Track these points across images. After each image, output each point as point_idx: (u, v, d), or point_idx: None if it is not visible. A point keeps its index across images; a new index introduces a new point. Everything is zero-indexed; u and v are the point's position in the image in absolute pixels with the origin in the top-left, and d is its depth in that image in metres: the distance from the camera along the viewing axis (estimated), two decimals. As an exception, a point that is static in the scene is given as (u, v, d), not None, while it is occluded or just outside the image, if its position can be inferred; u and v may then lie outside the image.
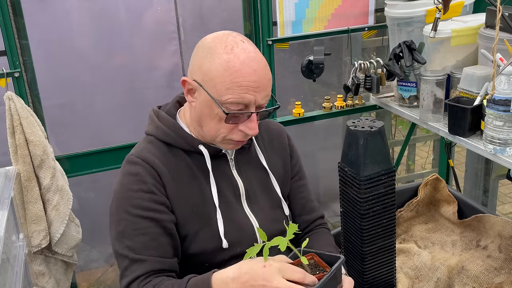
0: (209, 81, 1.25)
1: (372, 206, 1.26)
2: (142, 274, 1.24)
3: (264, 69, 1.26)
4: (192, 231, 1.32)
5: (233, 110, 1.24)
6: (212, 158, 1.37)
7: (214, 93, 1.24)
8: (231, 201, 1.38)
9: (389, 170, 1.25)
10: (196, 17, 2.46)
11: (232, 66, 1.22)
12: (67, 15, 2.20)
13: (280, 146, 1.53)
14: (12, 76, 1.85)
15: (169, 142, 1.35)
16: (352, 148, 1.24)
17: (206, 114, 1.29)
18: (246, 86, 1.22)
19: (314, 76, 2.29)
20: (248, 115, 1.26)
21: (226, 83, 1.22)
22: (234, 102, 1.23)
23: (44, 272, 1.95)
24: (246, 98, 1.23)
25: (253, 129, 1.27)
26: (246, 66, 1.23)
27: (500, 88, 1.53)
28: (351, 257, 1.37)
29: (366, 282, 1.35)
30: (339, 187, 1.33)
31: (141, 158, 1.31)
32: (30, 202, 1.86)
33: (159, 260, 1.26)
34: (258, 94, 1.24)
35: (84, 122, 2.36)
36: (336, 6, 2.31)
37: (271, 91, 1.30)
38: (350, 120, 1.26)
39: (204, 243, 1.32)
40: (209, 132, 1.31)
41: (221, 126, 1.28)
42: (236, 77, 1.22)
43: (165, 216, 1.28)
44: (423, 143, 3.88)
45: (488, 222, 1.66)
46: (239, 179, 1.41)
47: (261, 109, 1.28)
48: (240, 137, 1.30)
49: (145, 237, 1.26)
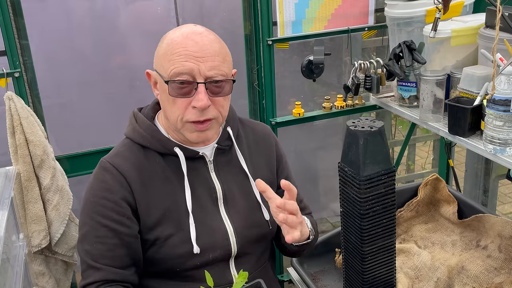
0: (158, 63, 1.28)
1: (372, 206, 1.26)
2: (96, 281, 1.26)
3: (210, 42, 1.25)
4: (163, 235, 1.30)
5: None
6: (189, 160, 1.35)
7: (162, 72, 1.26)
8: (206, 205, 1.35)
9: (389, 170, 1.25)
10: (196, 17, 2.46)
11: (174, 41, 1.25)
12: (67, 15, 2.20)
13: (266, 148, 1.51)
14: (12, 76, 1.85)
15: (144, 145, 1.34)
16: (352, 148, 1.24)
17: (164, 100, 1.29)
18: (186, 54, 1.22)
19: (314, 76, 2.29)
20: (195, 87, 1.23)
21: (168, 56, 1.24)
22: (177, 72, 1.22)
23: (44, 272, 1.95)
24: (187, 65, 1.21)
25: (200, 100, 1.22)
26: (188, 38, 1.24)
27: (500, 88, 1.53)
28: (351, 257, 1.37)
29: (366, 282, 1.35)
30: (339, 187, 1.33)
31: (112, 164, 1.31)
32: (30, 202, 1.86)
33: (113, 271, 1.27)
34: (202, 64, 1.22)
35: (84, 122, 2.36)
36: (336, 6, 2.31)
37: (228, 70, 1.27)
38: (350, 120, 1.25)
39: (175, 248, 1.31)
40: (170, 117, 1.29)
41: (176, 107, 1.26)
42: (176, 48, 1.23)
43: (124, 229, 1.28)
44: (423, 143, 3.88)
45: (488, 222, 1.67)
46: (217, 181, 1.38)
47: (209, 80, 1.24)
48: (195, 116, 1.25)
49: (102, 246, 1.27)
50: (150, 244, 1.31)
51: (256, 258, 1.44)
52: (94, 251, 1.28)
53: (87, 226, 1.30)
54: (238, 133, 1.46)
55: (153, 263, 1.33)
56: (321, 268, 1.76)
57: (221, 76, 1.25)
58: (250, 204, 1.42)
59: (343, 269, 1.43)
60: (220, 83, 1.26)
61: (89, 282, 1.27)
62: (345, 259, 1.41)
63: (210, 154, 1.39)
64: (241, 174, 1.43)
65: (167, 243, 1.31)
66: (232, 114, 1.45)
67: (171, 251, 1.31)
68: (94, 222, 1.28)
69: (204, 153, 1.37)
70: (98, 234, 1.28)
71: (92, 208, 1.29)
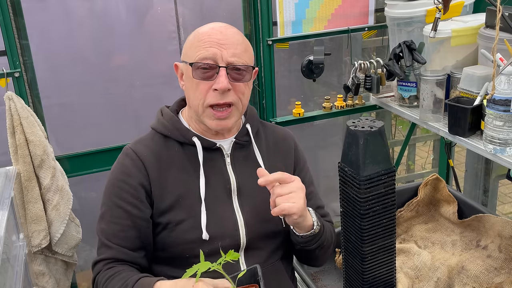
0: (186, 53, 1.38)
1: (372, 206, 1.26)
2: (108, 258, 1.36)
3: (233, 33, 1.36)
4: (175, 220, 1.36)
5: None
6: (207, 150, 1.41)
7: (188, 59, 1.36)
8: (219, 195, 1.40)
9: (389, 170, 1.25)
10: (196, 17, 2.46)
11: (201, 32, 1.36)
12: (67, 15, 2.20)
13: (285, 150, 1.54)
14: (12, 76, 1.85)
15: (166, 134, 1.42)
16: (352, 148, 1.24)
17: (189, 86, 1.37)
18: (210, 41, 1.32)
19: (314, 76, 2.29)
20: (217, 72, 1.32)
21: (194, 44, 1.35)
22: (201, 57, 1.32)
23: (44, 272, 1.95)
24: (210, 50, 1.31)
25: (220, 82, 1.31)
26: (213, 28, 1.35)
27: (500, 88, 1.53)
28: (351, 257, 1.37)
29: (366, 282, 1.35)
30: (339, 187, 1.33)
31: (133, 150, 1.40)
32: (30, 202, 1.86)
33: (124, 251, 1.36)
34: (224, 50, 1.32)
35: (84, 122, 2.36)
36: (336, 6, 2.31)
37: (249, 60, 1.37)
38: (350, 120, 1.25)
39: (185, 234, 1.36)
40: (193, 103, 1.37)
41: (199, 91, 1.34)
42: (202, 36, 1.34)
43: (137, 212, 1.36)
44: (423, 143, 3.88)
45: (488, 222, 1.67)
46: (232, 174, 1.42)
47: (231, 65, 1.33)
48: (215, 98, 1.33)
49: (116, 226, 1.36)
50: (162, 227, 1.37)
51: (266, 254, 1.44)
52: (108, 230, 1.37)
53: (105, 206, 1.39)
54: (258, 132, 1.52)
55: (164, 247, 1.38)
56: (321, 268, 1.76)
57: (242, 63, 1.34)
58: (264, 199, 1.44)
59: (343, 269, 1.43)
60: (241, 70, 1.34)
61: (101, 258, 1.37)
62: (345, 259, 1.41)
63: (228, 148, 1.44)
64: None
65: (178, 228, 1.36)
66: (253, 113, 1.52)
67: (181, 236, 1.36)
68: (111, 202, 1.38)
69: (222, 146, 1.43)
70: (114, 214, 1.37)
71: (111, 190, 1.39)
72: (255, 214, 1.41)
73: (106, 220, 1.38)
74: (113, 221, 1.37)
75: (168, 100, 1.52)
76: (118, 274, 1.32)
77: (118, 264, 1.35)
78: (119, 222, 1.36)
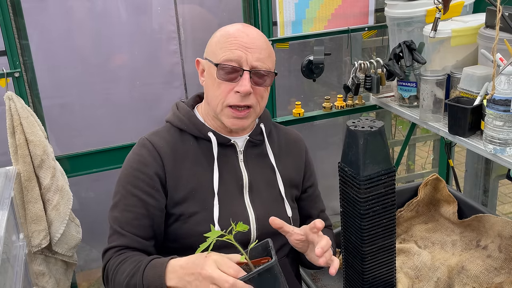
0: (211, 50, 1.40)
1: (372, 206, 1.26)
2: (119, 246, 1.36)
3: (260, 37, 1.38)
4: (188, 212, 1.38)
5: None
6: (221, 146, 1.44)
7: (213, 58, 1.38)
8: (231, 190, 1.42)
9: (389, 170, 1.25)
10: (196, 17, 2.46)
11: (227, 32, 1.38)
12: (67, 15, 2.20)
13: (296, 152, 1.58)
14: (12, 76, 1.85)
15: (182, 127, 1.44)
16: (352, 148, 1.24)
17: (210, 84, 1.40)
18: (237, 43, 1.34)
19: (314, 76, 2.29)
20: (240, 74, 1.34)
21: (220, 44, 1.36)
22: (226, 58, 1.34)
23: (44, 272, 1.95)
24: (236, 53, 1.33)
25: (243, 85, 1.33)
26: (240, 31, 1.37)
27: (500, 88, 1.53)
28: (351, 257, 1.37)
29: (366, 282, 1.35)
30: (339, 187, 1.33)
31: (149, 140, 1.42)
32: (30, 202, 1.86)
33: (136, 240, 1.36)
34: (249, 54, 1.34)
35: (84, 122, 2.36)
36: (336, 6, 2.31)
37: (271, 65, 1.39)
38: (350, 120, 1.25)
39: (197, 226, 1.37)
40: (212, 101, 1.39)
41: (220, 90, 1.36)
42: (229, 38, 1.36)
43: (151, 201, 1.37)
44: (423, 143, 3.88)
45: (488, 222, 1.67)
46: (244, 171, 1.45)
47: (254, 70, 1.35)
48: (236, 100, 1.35)
49: (130, 214, 1.37)
50: (174, 218, 1.39)
51: None
52: (122, 218, 1.37)
53: (119, 195, 1.40)
54: (271, 132, 1.54)
55: (176, 238, 1.40)
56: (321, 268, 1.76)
57: (265, 68, 1.37)
58: (274, 197, 1.48)
59: (343, 269, 1.43)
60: (263, 75, 1.37)
61: (112, 245, 1.37)
62: (345, 259, 1.41)
63: (242, 145, 1.47)
64: (269, 169, 1.49)
65: (191, 220, 1.38)
66: (266, 115, 1.55)
67: (193, 228, 1.37)
68: (125, 191, 1.38)
69: (236, 142, 1.45)
70: (128, 202, 1.38)
71: (126, 179, 1.40)
72: (266, 211, 1.43)
73: (120, 208, 1.38)
74: (127, 209, 1.37)
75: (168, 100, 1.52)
76: (130, 258, 1.33)
77: (129, 251, 1.36)
78: (133, 210, 1.37)
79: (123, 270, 1.30)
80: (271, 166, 1.49)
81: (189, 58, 2.44)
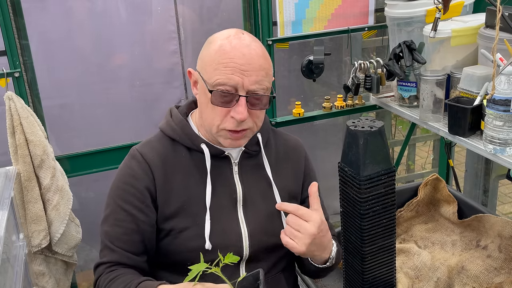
0: (204, 66, 1.30)
1: (372, 206, 1.26)
2: (110, 262, 1.34)
3: (257, 56, 1.27)
4: (178, 227, 1.34)
5: None
6: (214, 158, 1.38)
7: (206, 76, 1.29)
8: (225, 205, 1.37)
9: (389, 170, 1.25)
10: (196, 17, 2.46)
11: (222, 49, 1.26)
12: (67, 15, 2.20)
13: (295, 159, 1.51)
14: (12, 76, 1.85)
15: (174, 138, 1.39)
16: (352, 148, 1.24)
17: (203, 101, 1.32)
18: (233, 67, 1.25)
19: (314, 76, 2.29)
20: (236, 99, 1.26)
21: (215, 64, 1.26)
22: (221, 83, 1.25)
23: (44, 272, 1.95)
24: (232, 79, 1.24)
25: (240, 113, 1.26)
26: (236, 49, 1.26)
27: (500, 88, 1.53)
28: (351, 257, 1.37)
29: (366, 282, 1.35)
30: (339, 187, 1.33)
31: (140, 152, 1.37)
32: (30, 202, 1.86)
33: (126, 255, 1.34)
34: (246, 78, 1.25)
35: (84, 122, 2.36)
36: (336, 6, 2.31)
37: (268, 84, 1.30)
38: (350, 120, 1.25)
39: (188, 242, 1.33)
40: (206, 121, 1.33)
41: (215, 113, 1.29)
42: (224, 58, 1.25)
43: (142, 216, 1.33)
44: (423, 143, 3.88)
45: (488, 222, 1.67)
46: (239, 184, 1.39)
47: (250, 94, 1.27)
48: (232, 125, 1.29)
49: (120, 229, 1.34)
50: (165, 234, 1.35)
51: (268, 266, 1.42)
52: (112, 233, 1.34)
53: (110, 208, 1.36)
54: (268, 140, 1.48)
55: (167, 254, 1.36)
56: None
57: (262, 90, 1.29)
58: (270, 211, 1.41)
59: (343, 269, 1.43)
60: (261, 97, 1.29)
61: (103, 261, 1.34)
62: (345, 259, 1.41)
63: (236, 157, 1.41)
64: (265, 181, 1.43)
65: (181, 236, 1.34)
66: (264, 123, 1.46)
67: (184, 244, 1.34)
68: (116, 205, 1.35)
69: (230, 154, 1.39)
70: (118, 217, 1.34)
71: (116, 192, 1.36)
72: (260, 226, 1.39)
73: (110, 222, 1.35)
74: (117, 224, 1.34)
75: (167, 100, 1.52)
76: (120, 277, 1.30)
77: (120, 267, 1.33)
78: (123, 225, 1.34)
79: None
80: (267, 178, 1.43)
81: (189, 58, 2.44)
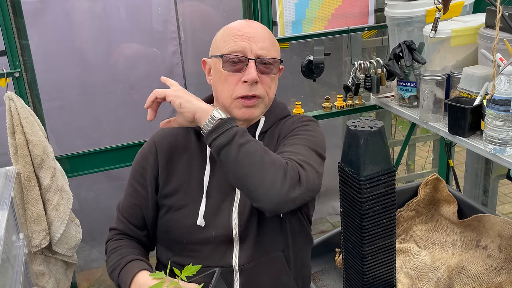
0: (215, 47, 1.44)
1: (372, 206, 1.26)
2: (118, 229, 1.49)
3: (262, 28, 1.42)
4: (177, 204, 1.43)
5: None
6: None
7: (217, 53, 1.41)
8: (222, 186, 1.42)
9: (389, 170, 1.25)
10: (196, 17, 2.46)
11: (230, 27, 1.42)
12: (67, 16, 2.20)
13: (277, 134, 1.48)
14: (12, 76, 1.85)
15: None
16: (352, 148, 1.24)
17: (217, 79, 1.42)
18: (240, 35, 1.38)
19: (314, 76, 2.29)
20: (246, 64, 1.36)
21: (224, 38, 1.40)
22: (231, 50, 1.37)
23: (44, 272, 1.95)
24: (240, 44, 1.37)
25: (250, 73, 1.35)
26: (242, 23, 1.42)
27: (500, 88, 1.53)
28: (351, 257, 1.37)
29: (366, 282, 1.35)
30: (339, 187, 1.33)
31: (153, 136, 1.51)
32: (30, 202, 1.86)
33: (130, 227, 1.48)
34: (253, 43, 1.37)
35: (84, 122, 2.36)
36: (336, 6, 2.31)
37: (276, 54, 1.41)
38: (350, 120, 1.25)
39: (185, 219, 1.41)
40: (221, 96, 1.41)
41: (228, 83, 1.38)
42: (232, 30, 1.40)
43: (143, 192, 1.46)
44: (423, 143, 3.88)
45: (488, 222, 1.67)
46: None
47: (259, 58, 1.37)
48: (244, 90, 1.37)
49: (127, 202, 1.49)
50: (165, 210, 1.45)
51: (262, 247, 1.42)
52: (122, 204, 1.51)
53: (127, 182, 1.52)
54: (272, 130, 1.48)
55: (167, 230, 1.45)
56: (321, 268, 1.76)
57: (270, 57, 1.39)
58: None
59: (343, 269, 1.43)
60: (269, 64, 1.40)
61: (114, 227, 1.51)
62: (345, 259, 1.41)
63: None
64: None
65: (179, 212, 1.42)
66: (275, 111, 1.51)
67: (182, 221, 1.42)
68: (128, 180, 1.51)
69: None
70: (127, 191, 1.50)
71: (131, 169, 1.52)
72: (249, 206, 1.40)
73: (124, 195, 1.51)
74: (126, 197, 1.49)
75: (167, 100, 1.52)
76: (120, 249, 1.43)
77: (125, 238, 1.47)
78: (129, 199, 1.48)
79: (111, 259, 1.42)
80: None
81: (189, 58, 2.44)
